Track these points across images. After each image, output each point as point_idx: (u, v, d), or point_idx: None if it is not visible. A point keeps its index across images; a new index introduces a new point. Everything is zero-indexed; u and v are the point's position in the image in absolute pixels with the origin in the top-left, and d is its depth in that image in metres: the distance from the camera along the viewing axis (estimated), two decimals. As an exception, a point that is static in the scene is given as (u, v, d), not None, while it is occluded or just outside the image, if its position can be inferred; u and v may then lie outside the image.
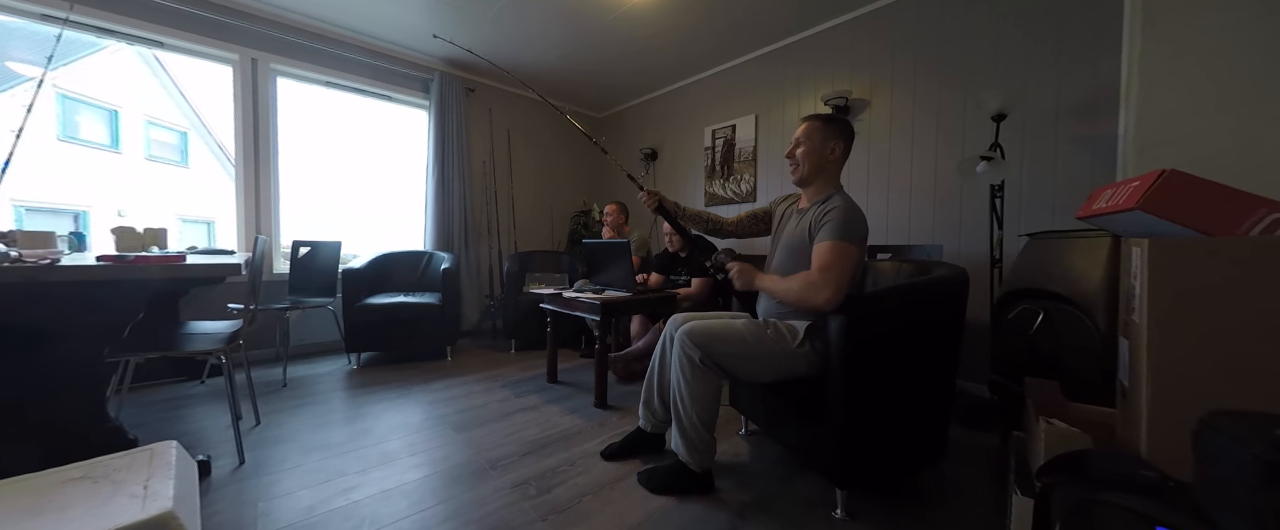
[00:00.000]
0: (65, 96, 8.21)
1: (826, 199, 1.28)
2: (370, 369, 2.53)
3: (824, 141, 1.30)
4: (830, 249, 1.17)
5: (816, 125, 1.32)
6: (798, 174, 1.34)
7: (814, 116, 1.34)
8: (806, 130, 1.33)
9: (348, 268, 2.50)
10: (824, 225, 1.21)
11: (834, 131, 1.31)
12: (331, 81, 2.97)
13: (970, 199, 2.16)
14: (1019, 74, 2.02)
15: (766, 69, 3.06)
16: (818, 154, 1.30)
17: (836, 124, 1.32)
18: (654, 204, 1.55)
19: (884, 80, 2.48)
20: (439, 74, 3.24)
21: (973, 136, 2.15)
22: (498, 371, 2.54)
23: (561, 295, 2.13)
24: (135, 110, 9.40)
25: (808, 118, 1.35)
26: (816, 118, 1.34)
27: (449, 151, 3.29)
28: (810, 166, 1.31)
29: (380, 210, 3.78)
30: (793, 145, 1.35)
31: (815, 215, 1.26)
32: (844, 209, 1.20)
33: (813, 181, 1.33)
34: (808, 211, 1.32)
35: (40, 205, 7.84)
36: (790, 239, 1.32)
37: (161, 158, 10.18)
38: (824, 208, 1.25)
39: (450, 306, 2.67)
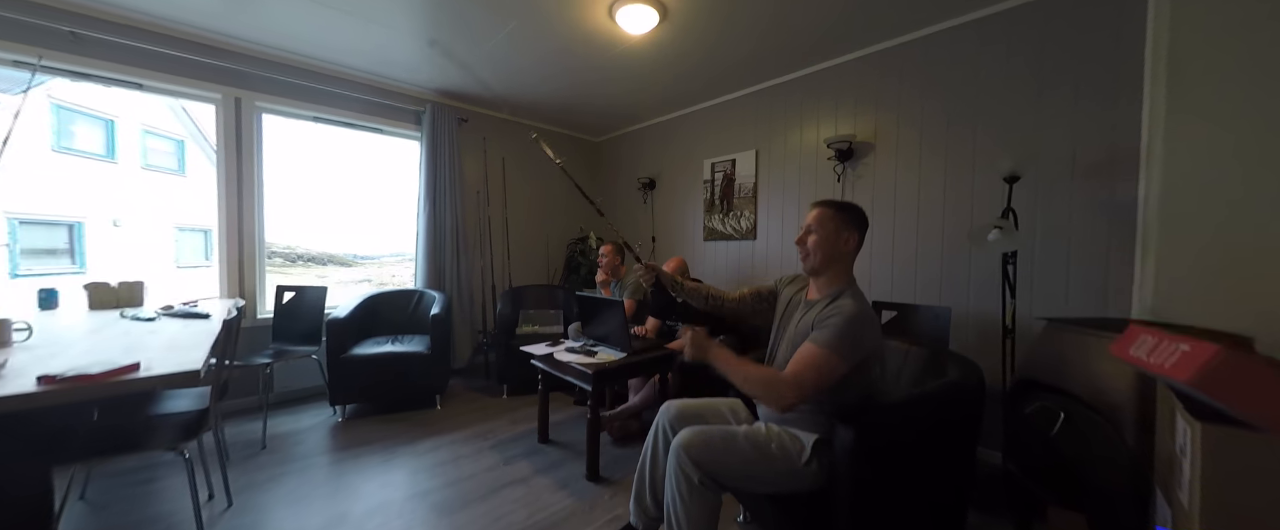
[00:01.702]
0: (60, 107, 8.12)
1: (836, 296, 1.19)
2: (356, 423, 2.44)
3: (836, 231, 1.22)
4: (814, 356, 1.09)
5: (829, 213, 1.23)
6: (809, 263, 1.26)
7: (826, 203, 1.26)
8: (818, 218, 1.24)
9: (331, 317, 2.41)
10: (822, 326, 1.12)
11: (847, 221, 1.22)
12: (320, 117, 2.88)
13: (979, 257, 2.06)
14: (1032, 125, 1.92)
15: (768, 104, 2.96)
16: (830, 244, 1.21)
17: (850, 213, 1.23)
18: (650, 279, 1.47)
19: (890, 124, 2.38)
20: (431, 105, 3.15)
21: (982, 191, 2.06)
22: (488, 424, 2.45)
23: (553, 356, 2.04)
24: (131, 119, 9.33)
25: (819, 204, 1.26)
26: (829, 205, 1.25)
27: (441, 184, 3.20)
28: (822, 257, 1.22)
29: (370, 244, 3.69)
30: (803, 232, 1.26)
31: (820, 313, 1.17)
32: (849, 316, 1.11)
33: (824, 272, 1.24)
34: (815, 305, 1.23)
35: (35, 218, 7.77)
36: (795, 335, 1.23)
37: (158, 166, 10.12)
38: (831, 307, 1.16)
39: (439, 354, 2.58)
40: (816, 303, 1.23)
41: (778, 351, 1.32)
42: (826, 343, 1.08)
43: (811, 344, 1.10)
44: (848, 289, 1.20)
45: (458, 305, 3.27)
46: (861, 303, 1.15)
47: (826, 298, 1.21)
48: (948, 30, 2.15)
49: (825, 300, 1.20)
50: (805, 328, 1.19)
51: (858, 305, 1.13)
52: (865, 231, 1.24)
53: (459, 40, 2.46)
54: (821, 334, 1.10)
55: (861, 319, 1.11)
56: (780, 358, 1.28)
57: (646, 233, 3.85)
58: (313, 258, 31.92)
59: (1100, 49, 1.77)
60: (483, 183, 3.56)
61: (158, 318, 1.82)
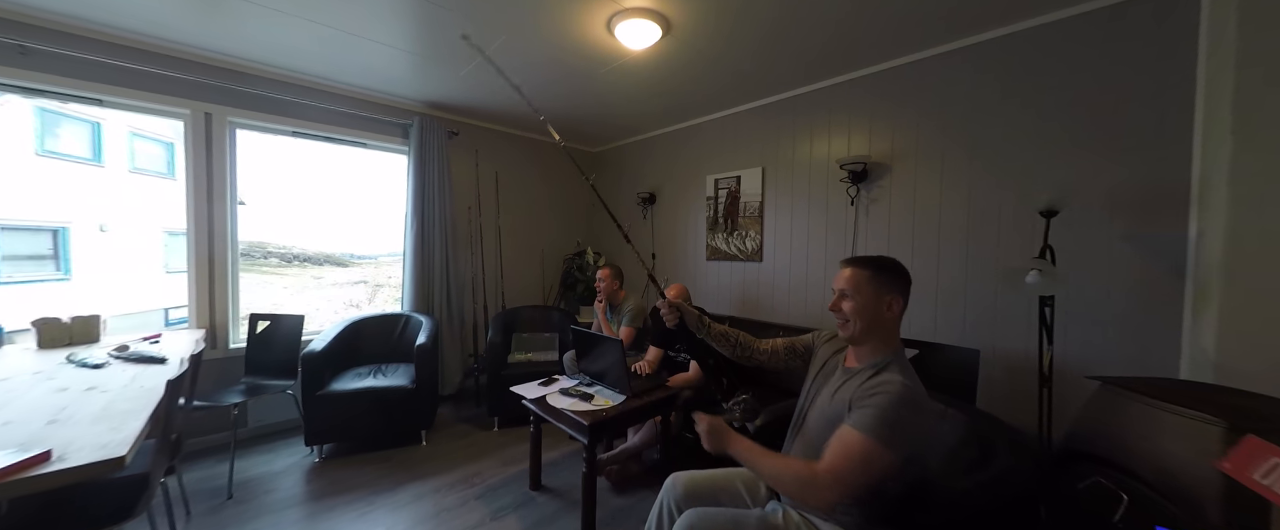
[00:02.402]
0: (44, 110, 7.92)
1: (879, 368, 1.03)
2: (334, 463, 2.27)
3: (877, 295, 1.05)
4: (856, 446, 0.92)
5: (866, 276, 1.06)
6: (847, 332, 1.09)
7: (860, 263, 1.09)
8: (853, 281, 1.07)
9: (308, 351, 2.24)
10: (863, 408, 0.96)
11: (888, 284, 1.06)
12: (299, 132, 2.71)
13: (1007, 294, 1.90)
14: (1066, 156, 1.77)
15: (776, 119, 2.80)
16: (871, 312, 1.05)
17: (891, 274, 1.07)
18: (674, 319, 1.31)
19: (908, 146, 2.22)
20: (419, 118, 2.98)
21: (1011, 225, 1.90)
22: (477, 464, 2.28)
23: (546, 400, 1.88)
24: (119, 122, 9.11)
25: (852, 264, 1.10)
26: (864, 265, 1.08)
27: (429, 200, 3.03)
28: (862, 325, 1.06)
29: (367, 245, 3.53)
30: (836, 296, 1.10)
31: (859, 388, 1.01)
32: (895, 396, 0.94)
33: (866, 341, 1.08)
34: (855, 375, 1.07)
35: (17, 224, 7.56)
36: (830, 409, 1.07)
37: (147, 169, 9.91)
38: (873, 382, 1.00)
39: (425, 387, 2.42)
40: (856, 373, 1.07)
41: (808, 417, 1.16)
42: (869, 428, 0.92)
43: (852, 429, 0.94)
44: (893, 360, 1.04)
45: (447, 328, 3.10)
46: (909, 378, 0.99)
47: (868, 368, 1.05)
48: (973, 46, 1.99)
49: (866, 371, 1.04)
50: (842, 403, 1.03)
51: (905, 383, 0.97)
52: (908, 291, 1.08)
53: (444, 58, 2.29)
54: (863, 417, 0.94)
55: (910, 401, 0.95)
56: (811, 427, 1.12)
57: (646, 248, 3.69)
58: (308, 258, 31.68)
59: (1145, 74, 1.61)
60: (474, 197, 3.39)
61: (108, 363, 1.65)
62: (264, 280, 22.91)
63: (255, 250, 28.64)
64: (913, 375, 1.02)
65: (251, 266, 20.00)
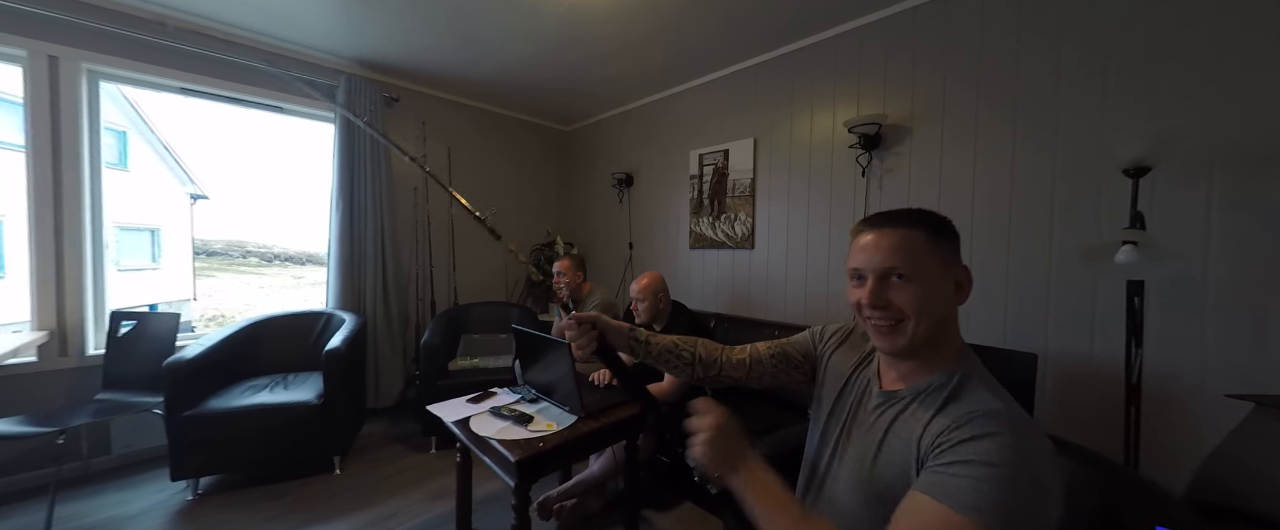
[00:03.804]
0: (-30, 91, 7.20)
1: (953, 391, 0.60)
2: (212, 502, 1.78)
3: (944, 273, 0.61)
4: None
5: (923, 241, 0.62)
6: (900, 340, 0.63)
7: (909, 219, 0.63)
8: (905, 251, 0.61)
9: (174, 359, 1.74)
10: (958, 474, 0.51)
11: (954, 251, 0.63)
12: (190, 88, 2.21)
13: (1064, 282, 1.49)
14: (1140, 101, 1.36)
15: (770, 80, 2.37)
16: (939, 301, 0.61)
17: (953, 236, 0.64)
18: (588, 347, 0.82)
19: (933, 102, 1.80)
20: (347, 78, 2.49)
21: (1067, 193, 1.49)
22: (398, 501, 1.81)
23: (468, 423, 1.41)
24: (62, 107, 8.40)
25: (893, 220, 0.64)
26: (917, 223, 0.63)
27: (361, 176, 2.54)
28: (928, 327, 0.61)
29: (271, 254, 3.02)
30: (872, 281, 0.63)
31: (932, 429, 0.57)
32: (1012, 450, 0.50)
33: (923, 351, 0.63)
34: (908, 404, 0.63)
35: None
36: (875, 465, 0.63)
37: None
38: (956, 415, 0.56)
39: (339, 402, 1.93)
40: (909, 400, 0.64)
41: (831, 472, 0.71)
42: (985, 513, 0.47)
43: (945, 509, 0.49)
44: (971, 374, 0.61)
45: (384, 331, 2.62)
46: (1010, 404, 0.56)
47: (930, 392, 0.61)
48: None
49: (928, 397, 0.61)
50: (900, 454, 0.60)
51: (1016, 419, 0.53)
52: None
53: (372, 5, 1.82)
54: (970, 489, 0.49)
55: (1039, 453, 0.51)
56: (841, 493, 0.68)
57: (622, 238, 3.24)
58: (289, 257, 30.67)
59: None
60: (421, 177, 2.91)
61: None
62: (242, 280, 21.88)
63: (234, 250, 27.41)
64: (1009, 398, 0.59)
65: (229, 266, 19.18)
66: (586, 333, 0.81)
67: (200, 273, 20.00)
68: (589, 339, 0.81)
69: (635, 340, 0.85)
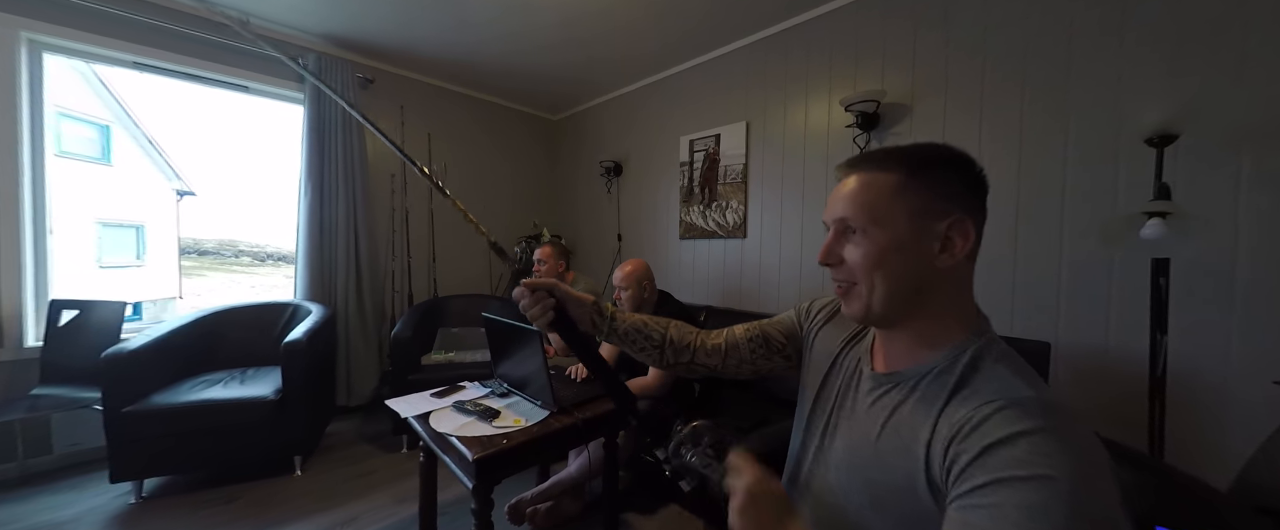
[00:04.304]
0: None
1: (965, 371, 0.47)
2: (157, 506, 1.64)
3: (915, 221, 0.49)
4: None
5: (889, 183, 0.50)
6: (854, 306, 0.53)
7: (874, 160, 0.52)
8: (860, 198, 0.51)
9: (113, 351, 1.60)
10: (995, 503, 0.37)
11: (939, 192, 0.49)
12: (145, 64, 2.07)
13: (1077, 264, 1.38)
14: (1162, 58, 1.25)
15: (763, 60, 2.26)
16: (905, 260, 0.49)
17: (944, 170, 0.50)
18: (544, 317, 0.68)
19: (935, 77, 1.69)
20: (318, 56, 2.36)
21: (1080, 168, 1.38)
22: (360, 504, 1.68)
23: (428, 420, 1.28)
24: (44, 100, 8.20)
25: (857, 164, 0.54)
26: (884, 164, 0.51)
27: (331, 161, 2.41)
28: (887, 293, 0.50)
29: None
30: (831, 234, 0.54)
31: (942, 429, 0.44)
32: (1065, 459, 0.36)
33: (907, 320, 0.52)
34: (902, 390, 0.51)
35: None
36: (870, 468, 0.51)
37: (77, 154, 8.99)
38: (971, 409, 0.43)
39: (299, 398, 1.80)
40: (905, 384, 0.51)
41: (817, 475, 0.59)
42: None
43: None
44: (983, 349, 0.48)
45: (356, 325, 2.48)
46: (1061, 409, 0.41)
47: (931, 374, 0.49)
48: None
49: (932, 379, 0.49)
50: (902, 454, 0.48)
51: (1072, 429, 0.39)
52: (984, 205, 0.52)
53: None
54: (1013, 516, 0.36)
55: (1102, 474, 0.37)
56: (833, 480, 0.56)
57: (610, 229, 3.12)
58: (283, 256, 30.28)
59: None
60: (399, 164, 2.78)
61: None
62: (234, 280, 21.62)
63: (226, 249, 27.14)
64: (1038, 380, 0.46)
65: (221, 265, 18.94)
66: (541, 301, 0.67)
67: (192, 272, 19.69)
68: (543, 308, 0.67)
69: (599, 315, 0.72)
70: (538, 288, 0.68)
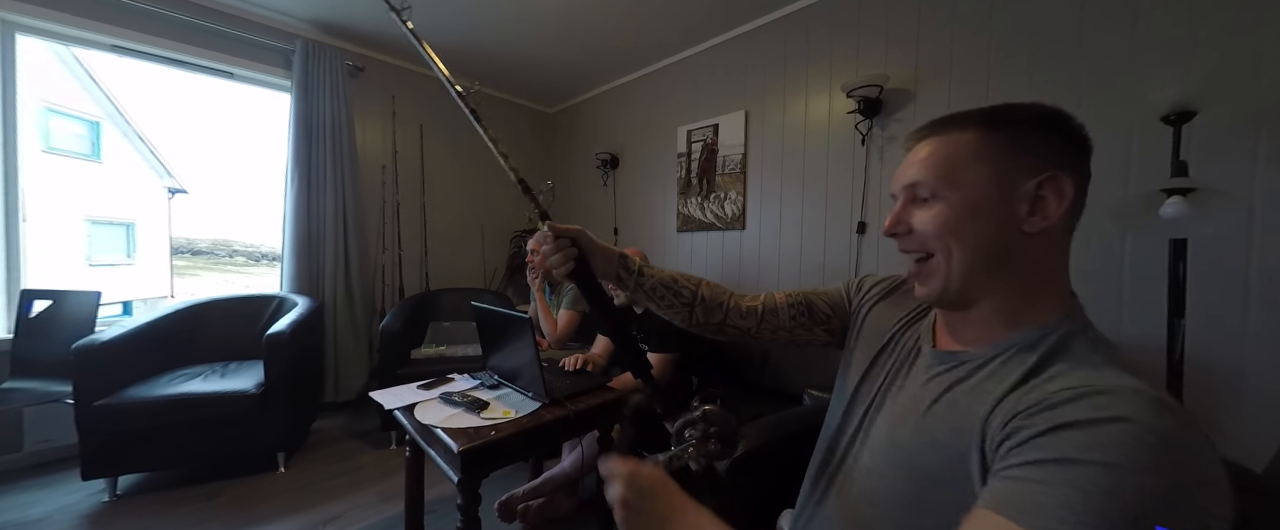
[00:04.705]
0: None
1: (1045, 355, 0.41)
2: (132, 504, 1.58)
3: (1003, 182, 0.43)
4: None
5: (971, 142, 0.45)
6: (931, 284, 0.47)
7: (956, 122, 0.47)
8: (938, 158, 0.46)
9: (85, 342, 1.53)
10: (1052, 479, 0.31)
11: (1032, 151, 0.43)
12: (123, 46, 2.00)
13: (1087, 248, 1.34)
14: (1178, 23, 1.21)
15: (761, 48, 2.21)
16: (988, 225, 0.43)
17: (1037, 130, 0.44)
18: (565, 267, 0.62)
19: (939, 60, 1.65)
20: (304, 42, 2.29)
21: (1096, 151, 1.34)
22: (344, 502, 1.61)
23: (413, 412, 1.22)
24: (29, 95, 8.07)
25: (939, 127, 0.48)
26: (967, 124, 0.46)
27: (319, 150, 2.34)
28: (966, 261, 0.44)
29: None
30: (899, 203, 0.49)
31: (1006, 406, 0.38)
32: (1156, 456, 0.30)
33: (986, 295, 0.45)
34: (966, 368, 0.46)
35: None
36: (920, 446, 0.45)
37: (66, 150, 8.86)
38: (1050, 391, 0.37)
39: (281, 392, 1.73)
40: (971, 363, 0.46)
41: (853, 452, 0.54)
42: None
43: None
44: (1074, 333, 0.42)
45: (345, 319, 2.41)
46: (1171, 406, 0.33)
47: (1007, 355, 0.43)
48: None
49: (1006, 362, 0.43)
50: (953, 427, 0.42)
51: (1178, 427, 0.32)
52: (1088, 168, 0.45)
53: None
54: (1065, 507, 0.30)
55: (1199, 455, 0.31)
56: (869, 479, 0.50)
57: (607, 222, 3.06)
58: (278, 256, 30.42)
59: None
60: (389, 155, 2.71)
61: None
62: (228, 280, 21.45)
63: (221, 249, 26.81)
64: (1139, 377, 0.38)
65: (215, 265, 18.72)
66: (563, 249, 0.62)
67: (185, 272, 19.46)
68: (565, 256, 0.62)
69: (626, 269, 0.66)
70: (562, 233, 0.62)
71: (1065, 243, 0.45)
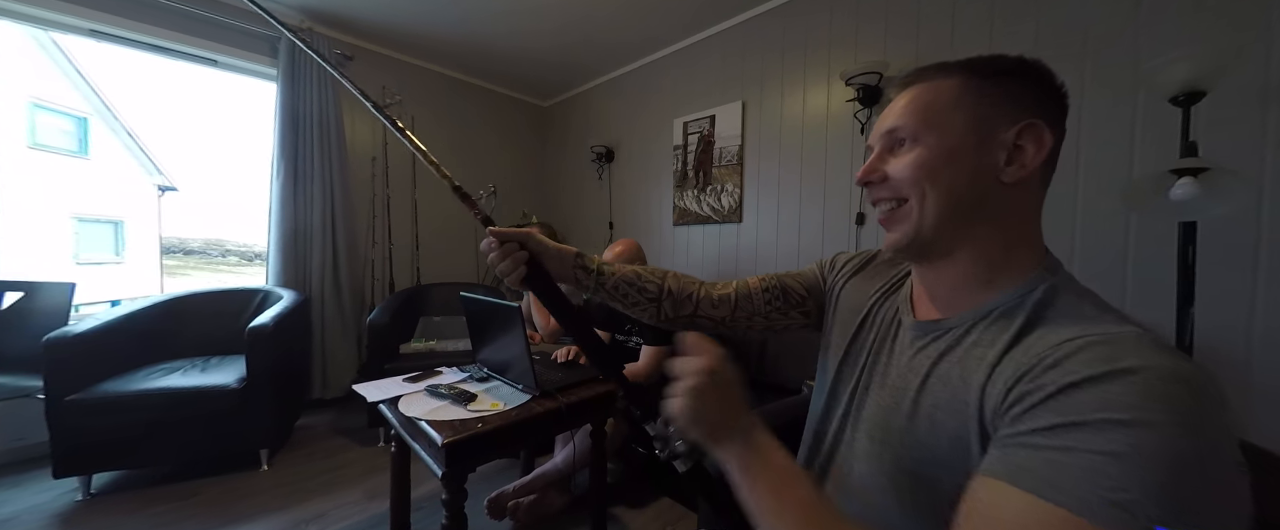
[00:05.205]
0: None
1: (1034, 310, 0.38)
2: (107, 503, 1.51)
3: (978, 121, 0.41)
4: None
5: (953, 87, 0.42)
6: (901, 229, 0.44)
7: (939, 69, 0.45)
8: (919, 104, 0.43)
9: (56, 335, 1.47)
10: (1068, 444, 0.28)
11: (1009, 96, 0.41)
12: (101, 31, 1.94)
13: (1091, 232, 1.31)
14: (1181, 25, 1.18)
15: (759, 37, 2.17)
16: (958, 160, 0.41)
17: (1013, 79, 0.42)
18: (516, 275, 0.57)
19: (940, 45, 1.62)
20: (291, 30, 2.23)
21: (1094, 125, 1.31)
22: (327, 501, 1.56)
23: (399, 402, 1.18)
24: (15, 90, 7.92)
25: (920, 74, 0.46)
26: (949, 70, 0.44)
27: (307, 141, 2.28)
28: (941, 204, 0.41)
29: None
30: (875, 152, 0.47)
31: (1005, 370, 0.35)
32: (1177, 407, 0.27)
33: (954, 242, 0.43)
34: (951, 335, 0.43)
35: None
36: (913, 423, 0.42)
37: (52, 147, 8.72)
38: (1048, 346, 0.34)
39: (263, 387, 1.67)
40: (956, 329, 0.42)
41: (845, 430, 0.51)
42: (1125, 508, 0.25)
43: (1051, 508, 0.27)
44: (1064, 288, 0.39)
45: (333, 314, 2.36)
46: (1172, 351, 0.31)
47: (996, 313, 0.40)
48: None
49: (1000, 325, 0.39)
50: (951, 403, 0.39)
51: (1188, 374, 0.29)
52: (1063, 122, 0.43)
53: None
54: (1086, 472, 0.27)
55: (1222, 437, 0.28)
56: (864, 453, 0.47)
57: (602, 216, 3.02)
58: (268, 256, 29.73)
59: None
60: (379, 147, 2.66)
61: None
62: (220, 279, 21.30)
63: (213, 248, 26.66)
64: (1130, 322, 0.36)
65: (207, 264, 18.50)
66: (510, 254, 0.57)
67: (176, 271, 19.22)
68: (514, 262, 0.57)
69: (583, 269, 0.62)
70: (508, 238, 0.58)
71: (1040, 197, 0.43)
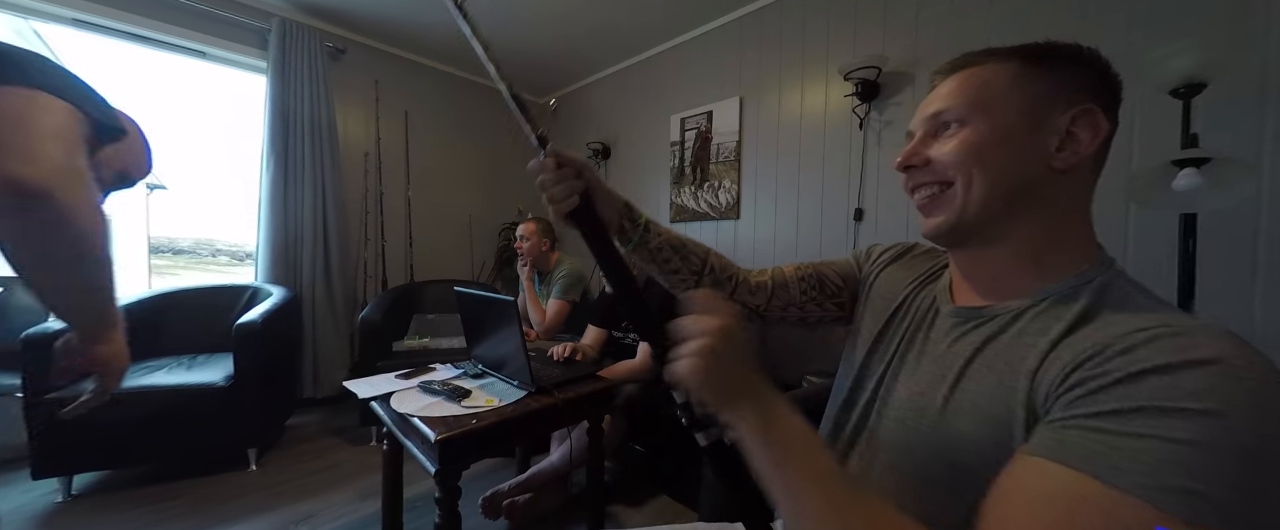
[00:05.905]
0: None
1: (1099, 302, 0.36)
2: (89, 504, 1.47)
3: (1031, 104, 0.39)
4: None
5: (1005, 73, 0.40)
6: (943, 213, 0.42)
7: (987, 54, 0.43)
8: (967, 88, 0.42)
9: (35, 331, 1.42)
10: (1138, 428, 0.27)
11: (1063, 83, 0.39)
12: (85, 20, 1.89)
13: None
14: (1178, 17, 1.18)
15: (756, 31, 2.16)
16: (1010, 143, 0.39)
17: (1067, 66, 0.40)
18: (567, 196, 0.52)
19: (940, 41, 1.62)
20: (280, 21, 2.19)
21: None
22: (318, 500, 1.53)
23: (392, 398, 1.15)
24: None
25: (968, 60, 0.44)
26: (998, 56, 0.42)
27: (298, 135, 2.24)
28: (987, 188, 0.39)
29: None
30: (917, 138, 0.45)
31: (1062, 355, 0.33)
32: (1257, 399, 0.26)
33: (1000, 228, 0.41)
34: (997, 322, 0.40)
35: None
36: (948, 408, 0.40)
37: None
38: (1114, 334, 0.32)
39: (252, 385, 1.64)
40: (1002, 317, 0.40)
41: (871, 416, 0.49)
42: (1195, 497, 0.24)
43: (1108, 489, 0.26)
44: (1118, 280, 0.38)
45: (325, 311, 2.32)
46: (1248, 346, 0.29)
47: (1048, 301, 0.38)
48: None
49: (1054, 312, 0.37)
50: (996, 388, 0.37)
51: (1257, 353, 0.28)
52: (1117, 109, 0.41)
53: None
54: (1152, 457, 0.26)
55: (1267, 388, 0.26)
56: (889, 438, 0.45)
57: (598, 214, 2.99)
58: (260, 256, 29.43)
59: None
60: (372, 143, 2.62)
61: None
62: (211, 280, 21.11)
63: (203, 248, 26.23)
64: (1199, 316, 0.37)
65: (197, 264, 18.21)
66: (566, 180, 0.51)
67: (166, 271, 18.90)
68: (568, 189, 0.51)
69: (631, 220, 0.59)
70: (567, 162, 0.52)
71: (1091, 186, 0.41)
